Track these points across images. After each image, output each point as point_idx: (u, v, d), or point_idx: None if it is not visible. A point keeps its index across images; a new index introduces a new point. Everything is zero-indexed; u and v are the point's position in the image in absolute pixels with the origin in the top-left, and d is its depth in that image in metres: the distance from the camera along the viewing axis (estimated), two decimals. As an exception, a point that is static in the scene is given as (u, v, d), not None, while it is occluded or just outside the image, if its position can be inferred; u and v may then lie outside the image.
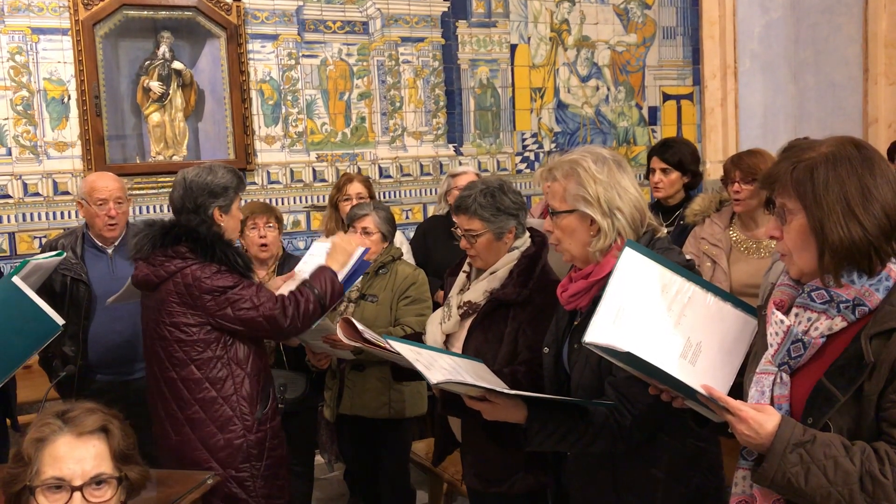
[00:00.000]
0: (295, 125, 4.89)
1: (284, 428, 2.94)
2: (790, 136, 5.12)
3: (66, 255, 3.28)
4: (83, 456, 1.67)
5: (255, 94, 4.78)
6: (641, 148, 5.76)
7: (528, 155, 5.52)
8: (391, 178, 5.15)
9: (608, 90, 5.74)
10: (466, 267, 2.71)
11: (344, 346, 2.71)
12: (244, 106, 4.72)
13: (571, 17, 5.59)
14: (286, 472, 2.92)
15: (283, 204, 4.82)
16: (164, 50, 4.61)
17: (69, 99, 4.38)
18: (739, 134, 5.88)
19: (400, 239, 3.98)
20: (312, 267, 2.97)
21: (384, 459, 3.56)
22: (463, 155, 5.32)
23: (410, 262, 3.81)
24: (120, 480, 1.71)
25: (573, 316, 2.12)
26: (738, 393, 1.65)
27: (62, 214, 4.40)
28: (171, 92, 4.64)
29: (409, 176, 5.20)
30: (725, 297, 1.78)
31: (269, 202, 4.30)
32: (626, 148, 5.77)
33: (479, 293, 2.56)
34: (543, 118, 5.55)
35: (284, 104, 4.86)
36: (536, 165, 5.48)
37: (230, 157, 4.69)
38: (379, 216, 3.47)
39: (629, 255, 1.74)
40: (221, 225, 2.79)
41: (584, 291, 2.02)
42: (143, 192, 4.53)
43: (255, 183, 4.76)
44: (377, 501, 3.69)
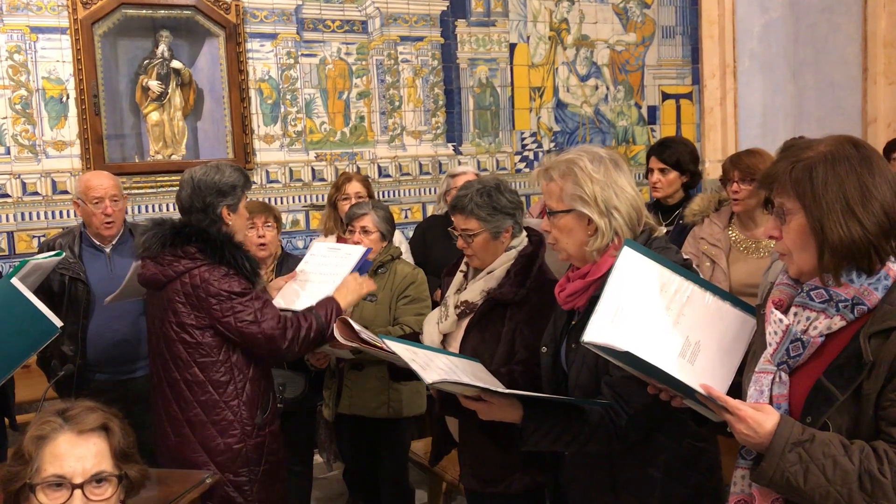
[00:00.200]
0: (294, 124, 4.89)
1: (283, 427, 2.94)
2: (789, 135, 5.11)
3: (64, 254, 3.27)
4: (84, 454, 1.67)
5: (253, 93, 4.78)
6: (641, 147, 5.76)
7: (527, 154, 5.53)
8: (390, 177, 5.15)
9: (607, 89, 5.74)
10: (463, 266, 2.71)
11: (342, 345, 2.71)
12: (243, 105, 4.72)
13: (570, 16, 5.59)
14: (284, 475, 2.92)
15: (281, 203, 4.81)
16: (162, 49, 4.61)
17: (68, 98, 4.37)
18: (738, 133, 5.88)
19: (399, 238, 3.98)
20: (314, 267, 2.99)
21: (383, 459, 3.56)
22: (462, 154, 5.32)
23: (409, 261, 3.81)
24: (120, 479, 1.71)
25: (571, 315, 2.12)
26: (736, 392, 1.65)
27: (61, 214, 4.40)
28: (169, 91, 4.63)
29: (408, 175, 5.20)
30: (724, 296, 1.78)
31: (267, 201, 4.30)
32: (625, 147, 5.77)
33: (476, 293, 2.56)
34: (542, 117, 5.55)
35: (283, 103, 4.86)
36: (535, 165, 5.48)
37: (229, 156, 4.69)
38: (378, 215, 3.47)
39: (628, 254, 1.74)
40: (230, 224, 2.79)
41: (581, 291, 2.02)
42: (141, 191, 4.53)
43: (254, 182, 4.75)
44: (376, 501, 3.69)
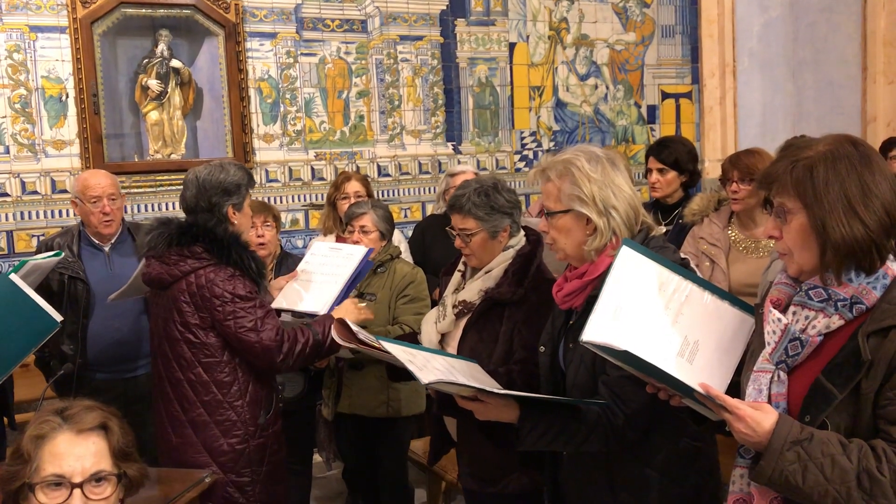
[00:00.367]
0: (293, 123, 4.89)
1: (282, 426, 2.93)
2: (789, 134, 5.10)
3: (64, 254, 3.27)
4: (83, 453, 1.67)
5: (253, 92, 4.77)
6: (640, 146, 5.76)
7: (526, 153, 5.52)
8: (390, 176, 5.15)
9: (607, 89, 5.73)
10: (461, 266, 2.71)
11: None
12: (242, 104, 4.71)
13: (570, 15, 5.58)
14: (285, 475, 2.91)
15: (281, 202, 4.81)
16: (162, 48, 4.60)
17: (67, 97, 4.37)
18: (738, 132, 5.87)
19: (398, 237, 3.98)
20: (316, 267, 3.01)
21: (382, 458, 3.56)
22: (461, 153, 5.32)
23: (409, 260, 3.81)
24: (119, 478, 1.71)
25: (569, 315, 2.12)
26: (735, 391, 1.65)
27: (60, 213, 4.39)
28: (169, 90, 4.63)
29: (407, 174, 5.20)
30: (723, 295, 1.78)
31: (267, 200, 4.30)
32: (624, 146, 5.77)
33: (473, 292, 2.56)
34: (542, 117, 5.55)
35: (283, 102, 4.86)
36: (535, 164, 5.47)
37: (228, 155, 4.68)
38: (377, 215, 3.47)
39: (626, 253, 1.74)
40: (235, 223, 2.79)
41: (579, 290, 2.02)
42: (141, 190, 4.52)
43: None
44: (376, 500, 3.70)
